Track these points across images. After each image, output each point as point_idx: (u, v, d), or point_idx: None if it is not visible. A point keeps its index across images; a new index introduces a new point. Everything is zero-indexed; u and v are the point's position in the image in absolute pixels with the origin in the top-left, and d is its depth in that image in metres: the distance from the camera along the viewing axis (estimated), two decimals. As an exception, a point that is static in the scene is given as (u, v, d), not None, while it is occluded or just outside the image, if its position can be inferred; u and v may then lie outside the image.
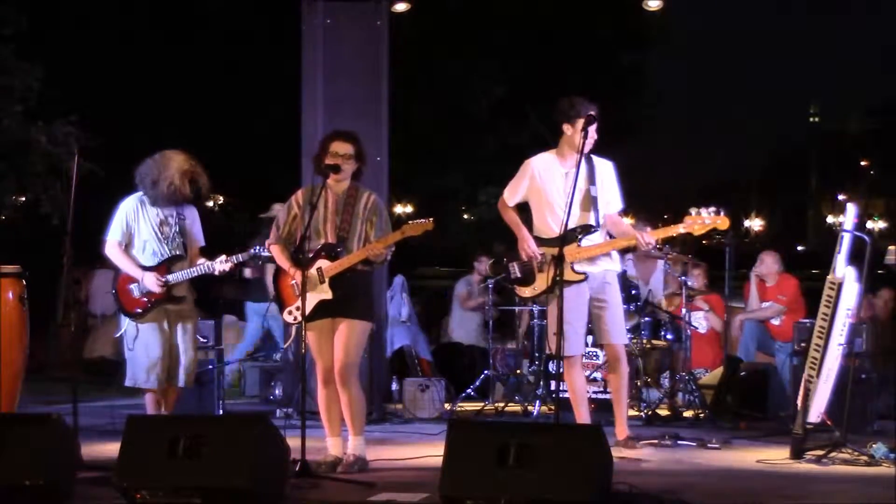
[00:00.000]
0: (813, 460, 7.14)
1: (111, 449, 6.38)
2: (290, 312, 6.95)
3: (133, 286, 7.45)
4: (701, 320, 10.84)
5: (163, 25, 19.61)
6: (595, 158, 7.48)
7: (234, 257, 7.48)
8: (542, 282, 7.50)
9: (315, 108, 9.71)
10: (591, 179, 7.31)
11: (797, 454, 7.24)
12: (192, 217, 7.59)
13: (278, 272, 7.05)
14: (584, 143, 7.25)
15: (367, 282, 7.01)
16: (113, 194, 7.80)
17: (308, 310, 6.74)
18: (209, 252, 7.59)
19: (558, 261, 7.02)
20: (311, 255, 6.84)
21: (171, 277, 7.41)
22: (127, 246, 7.49)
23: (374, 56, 9.78)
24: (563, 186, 7.41)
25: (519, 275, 7.67)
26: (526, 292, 7.74)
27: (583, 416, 7.51)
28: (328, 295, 6.81)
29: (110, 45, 19.08)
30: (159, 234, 7.46)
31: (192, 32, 20.09)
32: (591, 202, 7.30)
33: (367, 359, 9.04)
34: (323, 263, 6.83)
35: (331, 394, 6.90)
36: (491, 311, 10.64)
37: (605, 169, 7.51)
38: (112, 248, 7.50)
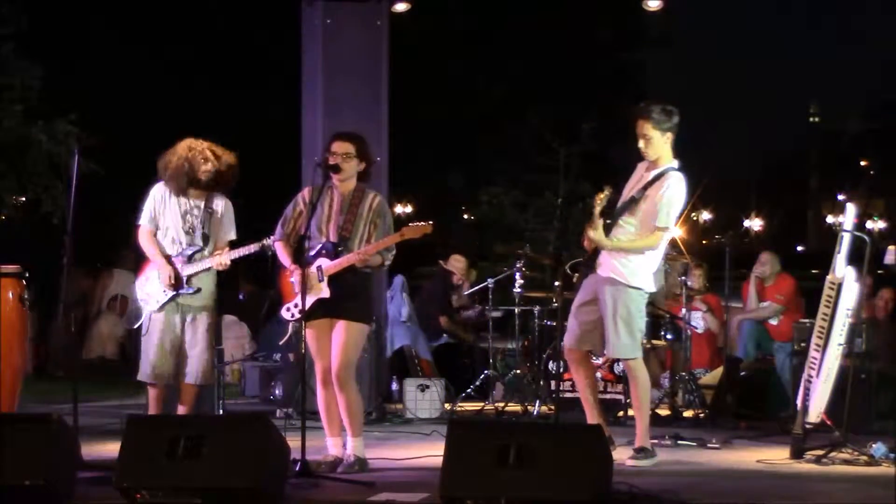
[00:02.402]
0: (813, 460, 7.14)
1: (111, 449, 6.39)
2: (287, 309, 6.97)
3: (153, 275, 7.46)
4: (699, 320, 10.84)
5: (163, 25, 19.60)
6: (671, 173, 7.19)
7: (238, 251, 7.46)
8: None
9: (315, 108, 9.72)
10: (645, 187, 7.23)
11: (797, 454, 7.25)
12: (222, 208, 7.57)
13: (282, 268, 7.07)
14: (638, 143, 7.21)
15: (366, 283, 7.00)
16: (113, 194, 7.81)
17: (306, 308, 6.75)
18: (238, 245, 7.56)
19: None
20: (312, 254, 6.85)
21: (186, 267, 7.40)
22: (155, 231, 7.50)
23: (374, 56, 9.79)
24: (633, 186, 7.32)
25: None
26: None
27: (587, 415, 7.46)
28: (326, 294, 6.81)
29: (110, 44, 19.07)
30: (182, 223, 7.46)
31: (192, 32, 20.08)
32: (628, 203, 7.24)
33: (367, 359, 9.05)
34: (323, 262, 6.83)
35: (330, 394, 6.90)
36: (492, 311, 10.64)
37: (668, 187, 7.16)
38: (142, 234, 7.54)
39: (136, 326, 7.63)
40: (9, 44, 14.19)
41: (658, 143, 7.20)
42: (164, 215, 7.50)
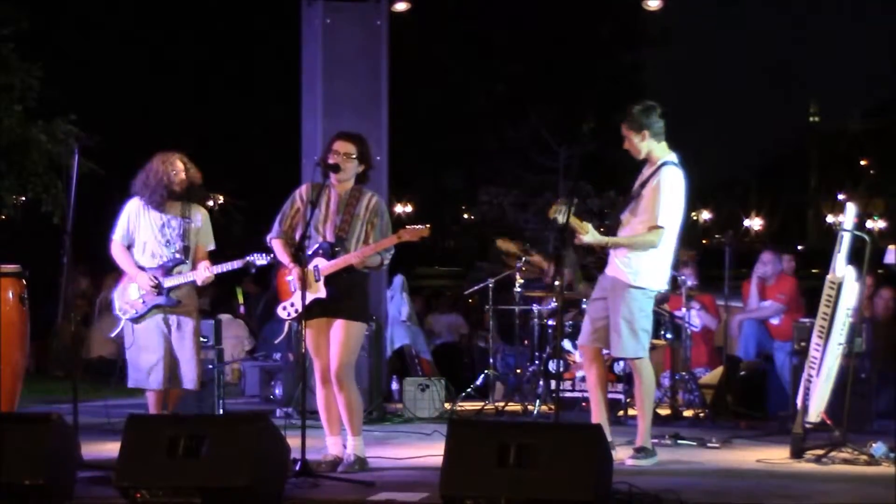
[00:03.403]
0: (813, 460, 7.14)
1: (111, 449, 6.38)
2: (283, 308, 6.97)
3: (131, 286, 7.45)
4: (694, 317, 10.82)
5: (163, 25, 19.62)
6: (663, 168, 7.18)
7: (222, 266, 7.45)
8: None
9: (315, 107, 9.72)
10: (643, 185, 7.23)
11: (797, 454, 7.25)
12: (199, 220, 7.56)
13: (278, 267, 7.07)
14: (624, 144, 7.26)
15: (363, 283, 7.00)
16: (113, 193, 7.81)
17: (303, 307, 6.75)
18: (217, 256, 7.57)
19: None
20: (308, 254, 6.85)
21: (165, 280, 7.40)
22: (129, 247, 7.50)
23: (374, 56, 9.79)
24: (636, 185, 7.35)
25: None
26: None
27: (593, 412, 7.43)
28: (322, 294, 6.81)
29: (110, 44, 19.09)
30: (159, 237, 7.45)
31: (192, 32, 20.11)
32: (628, 203, 7.25)
33: (367, 359, 9.05)
34: (320, 262, 6.83)
35: (329, 393, 6.90)
36: (491, 311, 10.65)
37: (660, 183, 7.15)
38: (115, 247, 7.53)
39: (113, 335, 7.62)
40: (9, 44, 14.20)
41: (636, 142, 7.22)
42: (139, 230, 7.48)
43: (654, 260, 7.20)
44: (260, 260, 7.28)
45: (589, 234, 7.10)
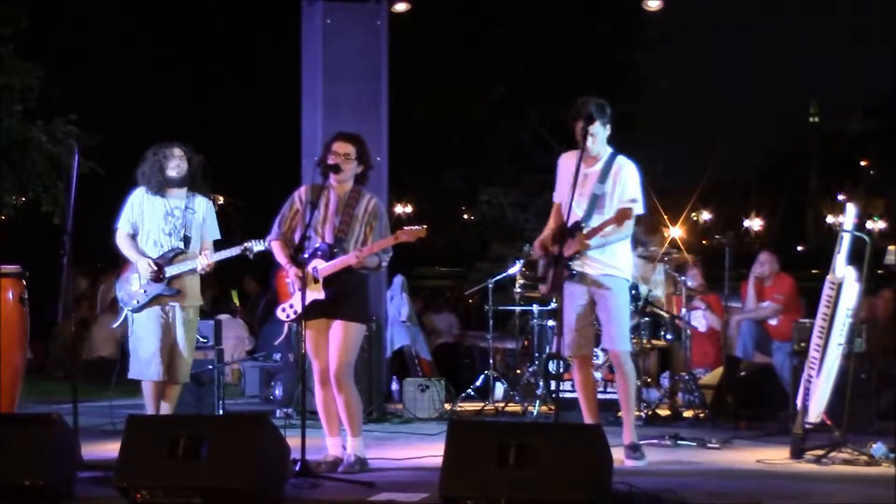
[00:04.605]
0: (813, 460, 7.15)
1: (111, 449, 6.39)
2: (283, 310, 6.98)
3: (133, 276, 7.47)
4: (700, 318, 10.83)
5: (163, 25, 19.61)
6: (618, 159, 7.26)
7: (220, 254, 7.48)
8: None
9: (315, 108, 9.74)
10: (602, 178, 7.24)
11: (797, 454, 7.25)
12: (203, 210, 7.60)
13: (277, 269, 7.08)
14: (584, 143, 7.24)
15: (362, 283, 7.00)
16: (113, 193, 7.82)
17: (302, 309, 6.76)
18: (222, 246, 7.59)
19: (557, 260, 7.06)
20: (307, 255, 6.85)
21: (167, 268, 7.42)
22: (134, 236, 7.53)
23: (373, 56, 9.81)
24: (579, 185, 7.29)
25: (541, 272, 7.49)
26: (541, 289, 7.63)
27: (585, 416, 7.46)
28: (321, 295, 6.82)
29: (110, 44, 19.07)
30: (163, 225, 7.48)
31: (192, 32, 20.10)
32: (594, 202, 7.25)
33: (366, 359, 9.06)
34: (318, 263, 6.84)
35: (328, 394, 6.91)
36: (491, 311, 10.65)
37: (625, 170, 7.25)
38: (120, 237, 7.58)
39: (115, 325, 7.64)
40: (9, 44, 14.20)
41: (603, 138, 7.28)
42: (143, 218, 7.53)
43: (629, 250, 7.35)
44: (258, 246, 7.34)
45: (580, 243, 7.11)
